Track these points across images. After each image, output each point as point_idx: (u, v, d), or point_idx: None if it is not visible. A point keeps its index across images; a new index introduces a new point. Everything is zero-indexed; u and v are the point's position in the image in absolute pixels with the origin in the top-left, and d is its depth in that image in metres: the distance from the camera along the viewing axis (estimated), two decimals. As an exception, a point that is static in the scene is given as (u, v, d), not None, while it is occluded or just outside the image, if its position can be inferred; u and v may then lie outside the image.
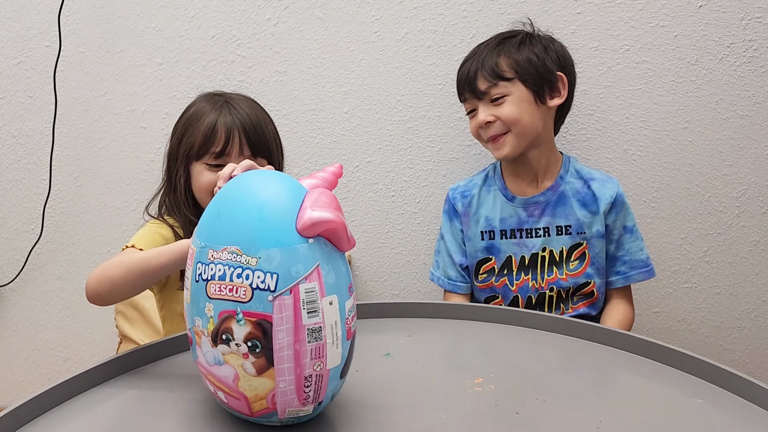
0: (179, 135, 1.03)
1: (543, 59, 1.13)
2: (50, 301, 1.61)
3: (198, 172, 1.01)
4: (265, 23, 1.43)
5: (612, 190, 1.17)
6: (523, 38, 1.16)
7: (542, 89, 1.13)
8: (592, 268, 1.15)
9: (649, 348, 0.84)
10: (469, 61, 1.17)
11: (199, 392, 0.75)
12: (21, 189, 1.55)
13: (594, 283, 1.15)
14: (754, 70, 1.33)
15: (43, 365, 1.66)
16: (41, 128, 1.51)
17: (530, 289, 1.17)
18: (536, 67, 1.12)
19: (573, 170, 1.19)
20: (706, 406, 0.72)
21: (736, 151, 1.38)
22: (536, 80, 1.13)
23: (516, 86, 1.12)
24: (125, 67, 1.47)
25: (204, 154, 1.00)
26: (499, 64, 1.13)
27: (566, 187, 1.17)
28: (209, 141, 0.99)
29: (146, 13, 1.44)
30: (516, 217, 1.17)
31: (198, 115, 1.02)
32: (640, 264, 1.17)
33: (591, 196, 1.16)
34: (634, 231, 1.18)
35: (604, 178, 1.19)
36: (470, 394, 0.74)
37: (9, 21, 1.46)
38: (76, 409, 0.71)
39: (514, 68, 1.12)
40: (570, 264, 1.16)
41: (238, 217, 0.60)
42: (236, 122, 1.00)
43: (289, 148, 1.47)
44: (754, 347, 1.48)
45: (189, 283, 0.63)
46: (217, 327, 0.60)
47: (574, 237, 1.15)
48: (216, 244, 0.60)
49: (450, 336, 0.94)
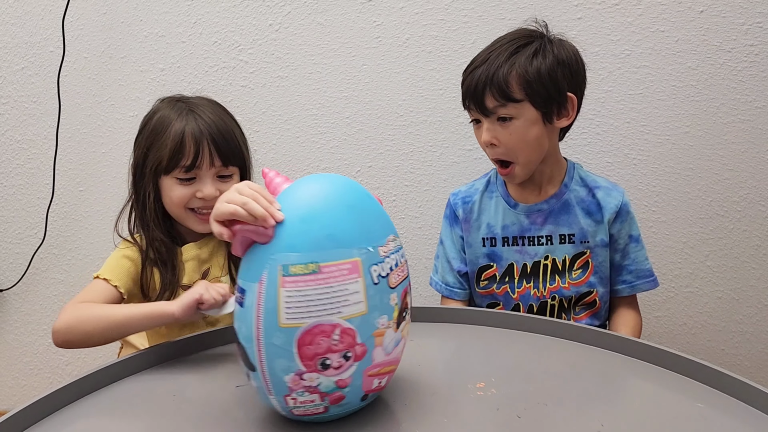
0: (144, 148, 0.98)
1: (555, 78, 1.06)
2: (53, 305, 1.61)
3: (169, 186, 0.97)
4: (267, 29, 1.43)
5: (617, 199, 1.14)
6: (537, 49, 1.07)
7: (551, 110, 1.07)
8: (596, 277, 1.14)
9: (651, 352, 0.84)
10: (479, 69, 1.08)
11: (202, 395, 0.75)
12: (24, 193, 1.56)
13: (597, 292, 1.14)
14: (754, 74, 1.34)
15: (45, 369, 1.67)
16: (45, 133, 1.52)
17: (532, 298, 1.16)
18: (547, 88, 1.05)
19: (578, 177, 1.17)
20: (707, 411, 0.72)
21: (737, 156, 1.38)
22: (546, 101, 1.06)
23: (525, 108, 1.06)
24: (128, 72, 1.48)
25: (174, 168, 0.95)
26: (510, 83, 1.04)
27: (570, 195, 1.15)
28: (178, 154, 0.94)
29: (149, 19, 1.45)
30: (518, 225, 1.16)
31: (162, 124, 0.97)
32: (646, 273, 1.16)
33: (595, 204, 1.14)
34: (639, 240, 1.16)
35: (609, 187, 1.16)
36: (472, 399, 0.74)
37: (13, 27, 1.47)
38: (78, 413, 0.71)
39: (524, 89, 1.05)
40: (573, 273, 1.15)
41: (362, 214, 0.63)
42: (204, 132, 0.95)
43: (291, 153, 1.48)
44: (756, 351, 1.48)
45: (363, 294, 0.60)
46: (400, 309, 0.65)
47: (577, 246, 1.14)
48: (379, 240, 0.63)
49: (451, 340, 0.94)
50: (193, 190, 0.96)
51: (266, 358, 0.60)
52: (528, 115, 1.06)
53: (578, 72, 1.11)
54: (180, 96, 1.04)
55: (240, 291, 0.62)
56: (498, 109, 1.06)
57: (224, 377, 0.79)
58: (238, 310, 0.63)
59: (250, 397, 0.74)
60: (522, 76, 1.04)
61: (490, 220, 1.18)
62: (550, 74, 1.05)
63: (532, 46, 1.07)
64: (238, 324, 0.63)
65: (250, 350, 0.61)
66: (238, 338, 0.63)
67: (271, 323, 0.59)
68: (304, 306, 0.59)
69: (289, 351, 0.59)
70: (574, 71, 1.09)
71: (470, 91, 1.08)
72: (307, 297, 0.59)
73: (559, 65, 1.07)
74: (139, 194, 1.00)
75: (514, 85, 1.05)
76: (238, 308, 0.63)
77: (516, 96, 1.05)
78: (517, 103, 1.05)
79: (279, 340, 0.59)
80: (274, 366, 0.60)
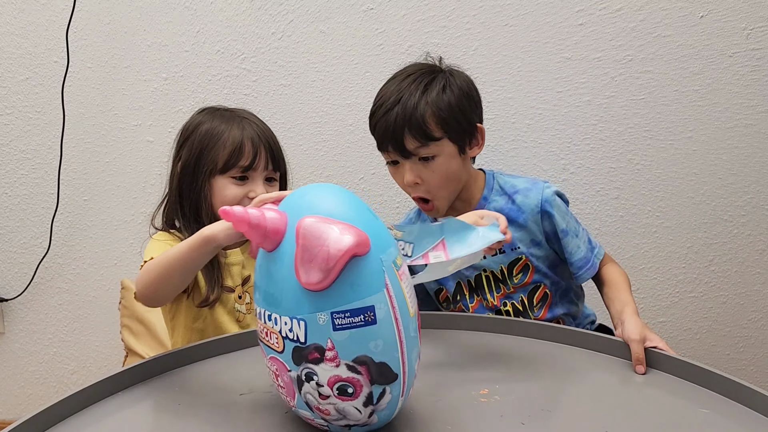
0: (196, 150, 1.02)
1: (465, 111, 1.07)
2: (58, 314, 1.62)
3: (222, 186, 1.01)
4: (270, 37, 1.44)
5: (536, 198, 1.12)
6: (444, 84, 1.07)
7: (465, 142, 1.09)
8: (539, 274, 1.13)
9: (656, 358, 0.84)
10: (392, 111, 1.05)
11: (207, 404, 0.75)
12: (29, 203, 1.57)
13: (545, 285, 1.14)
14: (758, 79, 1.34)
15: (51, 378, 1.67)
16: (49, 143, 1.53)
17: (485, 309, 1.16)
18: (460, 122, 1.07)
19: (497, 187, 1.16)
20: (712, 416, 0.72)
21: (741, 160, 1.38)
22: (461, 135, 1.08)
23: (444, 145, 1.06)
24: (132, 82, 1.49)
25: (231, 168, 1.00)
26: (428, 122, 1.04)
27: (490, 207, 1.14)
28: (237, 156, 1.00)
29: (152, 28, 1.46)
30: None
31: (217, 129, 1.02)
32: (581, 263, 1.14)
33: (516, 210, 1.13)
34: (568, 232, 1.12)
35: (528, 187, 1.14)
36: (476, 405, 0.74)
37: (17, 38, 1.48)
38: (84, 422, 0.71)
39: (442, 127, 1.05)
40: (514, 278, 1.14)
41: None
42: (261, 137, 1.03)
43: (294, 161, 1.48)
44: (761, 356, 1.47)
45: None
46: None
47: (509, 254, 1.13)
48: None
49: (455, 347, 0.94)
50: (246, 190, 1.02)
51: (407, 357, 0.63)
52: (447, 150, 1.07)
53: (478, 101, 1.13)
54: (220, 106, 1.09)
55: (362, 313, 0.60)
56: (419, 150, 1.06)
57: (229, 385, 0.79)
58: (366, 335, 0.60)
59: (255, 404, 0.75)
60: (437, 114, 1.05)
61: None
62: (460, 107, 1.07)
63: (438, 81, 1.08)
64: (373, 344, 0.60)
65: (393, 360, 0.61)
66: (371, 364, 0.61)
67: (406, 318, 0.63)
68: (412, 291, 0.66)
69: (417, 337, 0.65)
70: (476, 101, 1.12)
71: (388, 134, 1.06)
72: (411, 281, 0.66)
73: (465, 97, 1.08)
74: (190, 193, 1.03)
75: (432, 124, 1.05)
76: (367, 331, 0.60)
77: (435, 134, 1.05)
78: (437, 141, 1.05)
79: (413, 330, 0.64)
80: (412, 358, 0.64)
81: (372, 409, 0.63)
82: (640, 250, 1.45)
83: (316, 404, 0.63)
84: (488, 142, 1.42)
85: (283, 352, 0.62)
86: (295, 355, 0.61)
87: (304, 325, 0.60)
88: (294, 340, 0.61)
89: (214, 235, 0.76)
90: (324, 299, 0.59)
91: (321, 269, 0.58)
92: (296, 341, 0.61)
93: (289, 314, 0.60)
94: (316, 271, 0.58)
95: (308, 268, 0.58)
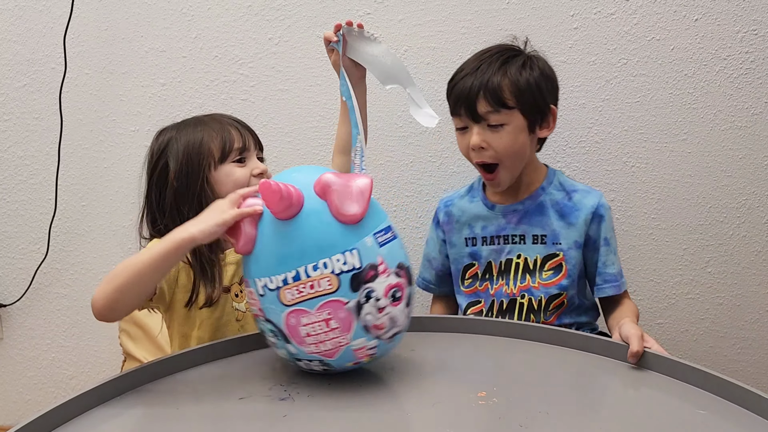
0: (184, 157, 1.01)
1: (541, 90, 1.11)
2: (56, 320, 1.62)
3: (228, 172, 1.02)
4: (267, 42, 1.45)
5: (593, 201, 1.16)
6: (525, 61, 1.12)
7: (536, 120, 1.12)
8: (568, 280, 1.15)
9: (654, 360, 0.84)
10: (469, 77, 1.11)
11: (206, 408, 0.76)
12: (27, 209, 1.57)
13: (566, 294, 1.16)
14: (751, 81, 1.35)
15: (49, 384, 1.67)
16: (47, 149, 1.53)
17: (503, 294, 1.19)
18: (536, 98, 1.10)
19: (557, 183, 1.19)
20: (710, 418, 0.72)
21: (736, 162, 1.38)
22: (533, 111, 1.11)
23: (515, 116, 1.10)
24: (129, 87, 1.49)
25: (229, 154, 1.02)
26: (503, 89, 1.08)
27: (546, 198, 1.18)
28: (229, 141, 1.02)
29: (150, 34, 1.46)
30: (496, 225, 1.19)
31: (195, 133, 1.03)
32: (611, 277, 1.17)
33: (571, 207, 1.16)
34: (610, 243, 1.16)
35: (587, 190, 1.19)
36: (474, 408, 0.74)
37: (15, 44, 1.49)
38: (82, 427, 0.71)
39: (516, 96, 1.09)
40: (543, 273, 1.16)
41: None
42: (236, 122, 1.06)
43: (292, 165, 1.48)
44: (759, 357, 1.48)
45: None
46: None
47: (549, 246, 1.16)
48: None
49: (453, 350, 0.94)
50: (249, 169, 1.04)
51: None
52: (517, 122, 1.10)
53: (557, 87, 1.17)
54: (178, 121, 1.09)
55: (390, 230, 0.79)
56: (490, 116, 1.10)
57: (227, 389, 0.79)
58: (396, 245, 0.79)
59: (255, 408, 0.75)
60: (514, 84, 1.09)
61: (471, 222, 1.23)
62: (538, 85, 1.11)
63: (520, 58, 1.13)
64: (402, 252, 0.80)
65: (408, 264, 0.81)
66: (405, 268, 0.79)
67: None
68: None
69: None
70: (555, 86, 1.16)
71: (462, 97, 1.12)
72: None
73: (544, 78, 1.13)
74: (190, 197, 1.01)
75: (507, 93, 1.09)
76: (396, 243, 0.80)
77: (509, 103, 1.09)
78: (509, 110, 1.09)
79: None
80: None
81: (408, 311, 0.80)
82: (636, 253, 1.46)
83: (373, 322, 0.75)
84: (485, 146, 1.43)
85: (339, 289, 0.73)
86: (354, 283, 0.74)
87: (357, 252, 0.74)
88: (349, 270, 0.73)
89: (192, 235, 0.79)
90: (363, 228, 0.75)
91: (357, 202, 0.74)
92: (352, 270, 0.73)
93: (341, 250, 0.74)
94: (354, 204, 0.74)
95: (348, 204, 0.74)
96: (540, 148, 1.21)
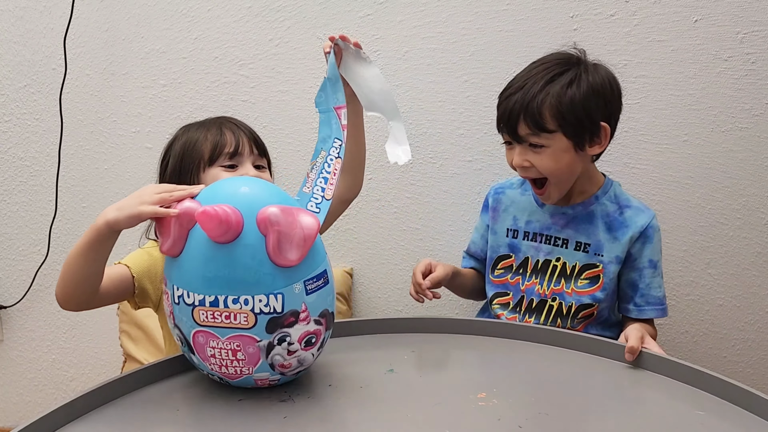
0: (179, 157, 1.03)
1: (589, 109, 1.07)
2: (56, 321, 1.62)
3: (214, 176, 1.01)
4: (268, 43, 1.45)
5: (644, 220, 1.15)
6: (572, 78, 1.08)
7: (583, 139, 1.09)
8: (603, 293, 1.15)
9: (653, 361, 0.84)
10: (513, 96, 1.09)
11: (206, 410, 0.76)
12: (27, 210, 1.57)
13: (597, 306, 1.15)
14: (752, 82, 1.34)
15: (49, 385, 1.67)
16: (47, 150, 1.53)
17: (535, 293, 1.18)
18: (580, 118, 1.06)
19: (612, 194, 1.18)
20: (709, 419, 0.72)
21: (737, 164, 1.38)
22: (578, 131, 1.07)
23: (557, 138, 1.07)
24: (130, 89, 1.49)
25: (218, 157, 1.01)
26: (543, 113, 1.05)
27: (597, 207, 1.17)
28: (221, 144, 1.01)
29: (150, 35, 1.46)
30: (541, 223, 1.19)
31: (196, 133, 1.04)
32: (656, 301, 1.17)
33: (620, 222, 1.15)
34: (657, 267, 1.16)
35: (641, 207, 1.17)
36: (474, 409, 0.74)
37: (15, 45, 1.49)
38: (82, 429, 0.72)
39: (557, 120, 1.06)
40: (579, 281, 1.16)
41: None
42: (239, 126, 1.05)
43: (292, 167, 1.49)
44: (758, 359, 1.47)
45: None
46: None
47: (590, 256, 1.15)
48: None
49: (453, 351, 0.94)
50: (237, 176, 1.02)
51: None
52: (559, 144, 1.08)
53: (612, 100, 1.12)
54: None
55: (322, 276, 0.75)
56: (530, 137, 1.08)
57: (227, 391, 0.79)
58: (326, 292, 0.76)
59: (254, 409, 0.75)
60: (555, 107, 1.06)
61: (517, 214, 1.23)
62: (584, 104, 1.06)
63: (568, 74, 1.08)
64: (330, 298, 0.77)
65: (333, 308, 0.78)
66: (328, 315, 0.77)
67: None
68: None
69: None
70: (608, 100, 1.10)
71: (504, 117, 1.10)
72: None
73: (594, 94, 1.08)
74: None
75: (548, 116, 1.06)
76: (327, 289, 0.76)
77: (549, 127, 1.06)
78: (549, 133, 1.07)
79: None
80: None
81: (320, 351, 0.78)
82: (637, 254, 1.45)
83: (281, 362, 0.74)
84: (486, 147, 1.44)
85: (254, 327, 0.71)
86: (270, 325, 0.71)
87: (282, 297, 0.71)
88: (269, 312, 0.71)
89: (107, 221, 0.78)
90: (295, 273, 0.72)
91: (299, 248, 0.70)
92: (272, 313, 0.71)
93: (265, 291, 0.70)
94: (294, 251, 0.70)
95: (287, 249, 0.70)
96: (596, 159, 1.18)
